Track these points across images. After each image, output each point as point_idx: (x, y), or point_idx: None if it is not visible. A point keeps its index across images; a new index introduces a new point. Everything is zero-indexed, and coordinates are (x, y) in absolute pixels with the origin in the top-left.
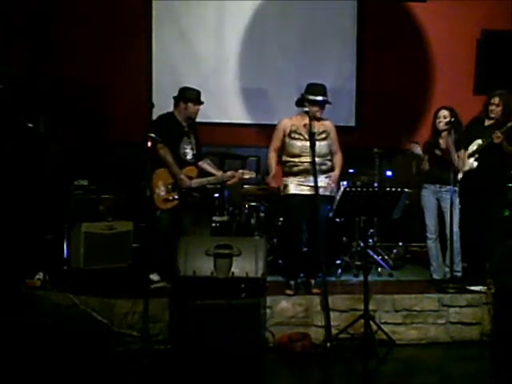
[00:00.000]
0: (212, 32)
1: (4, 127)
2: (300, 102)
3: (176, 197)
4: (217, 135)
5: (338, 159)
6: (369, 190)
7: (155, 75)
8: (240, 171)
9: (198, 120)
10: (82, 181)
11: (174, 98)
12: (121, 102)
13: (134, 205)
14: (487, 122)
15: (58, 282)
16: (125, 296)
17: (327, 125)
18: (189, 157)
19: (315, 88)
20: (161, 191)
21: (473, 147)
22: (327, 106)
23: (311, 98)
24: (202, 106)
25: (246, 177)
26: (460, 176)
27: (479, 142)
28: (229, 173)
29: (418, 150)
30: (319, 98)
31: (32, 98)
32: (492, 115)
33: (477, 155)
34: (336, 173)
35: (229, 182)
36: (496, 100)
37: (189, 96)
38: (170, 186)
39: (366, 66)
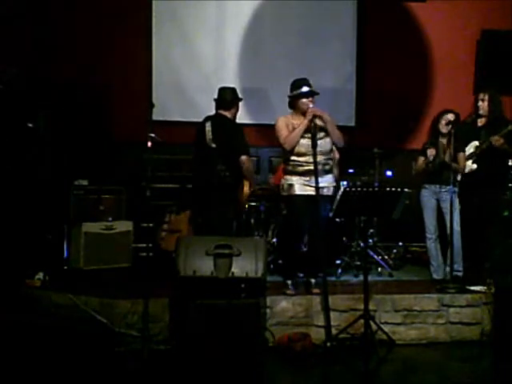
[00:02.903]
0: (212, 32)
1: (4, 127)
2: (291, 104)
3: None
4: None
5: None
6: (369, 190)
7: (155, 75)
8: None
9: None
10: (82, 181)
11: (226, 100)
12: (121, 102)
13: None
14: (480, 122)
15: (58, 282)
16: (125, 296)
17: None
18: None
19: (297, 82)
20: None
21: (470, 149)
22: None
23: (297, 92)
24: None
25: None
26: (459, 177)
27: (476, 143)
28: None
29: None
30: (305, 88)
31: (32, 98)
32: (480, 111)
33: (475, 157)
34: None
35: None
36: (483, 96)
37: (239, 96)
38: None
39: (366, 66)
